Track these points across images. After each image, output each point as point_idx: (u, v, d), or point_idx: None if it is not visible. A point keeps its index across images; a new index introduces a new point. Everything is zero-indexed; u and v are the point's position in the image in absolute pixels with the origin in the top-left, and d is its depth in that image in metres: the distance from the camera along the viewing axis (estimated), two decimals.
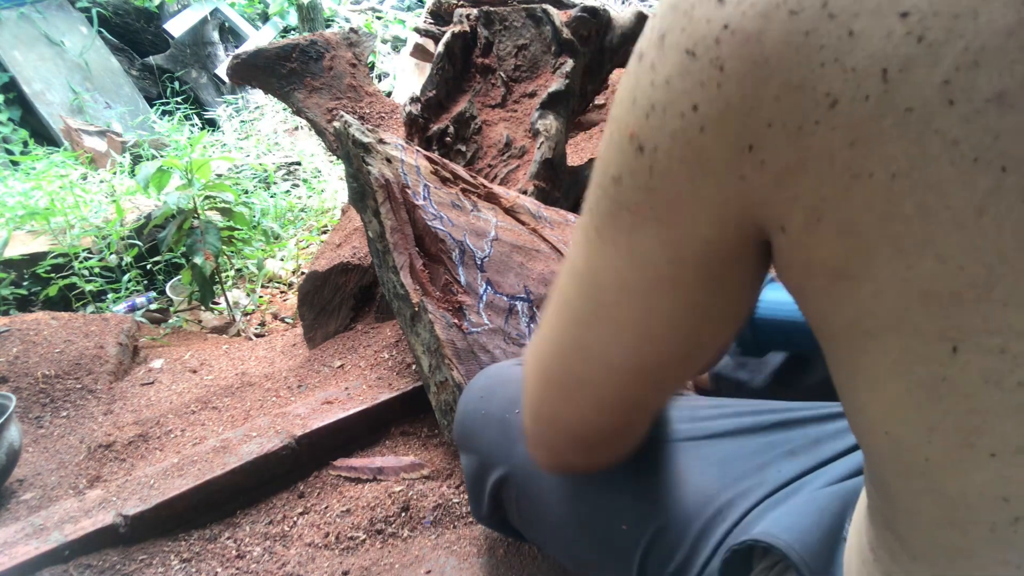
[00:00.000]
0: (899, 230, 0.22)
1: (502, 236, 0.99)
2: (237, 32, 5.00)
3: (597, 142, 2.15)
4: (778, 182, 0.25)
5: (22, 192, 2.47)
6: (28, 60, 4.22)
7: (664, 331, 0.34)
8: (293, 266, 2.35)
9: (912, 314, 0.23)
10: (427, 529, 0.85)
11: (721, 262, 0.30)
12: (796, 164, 0.24)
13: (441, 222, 0.95)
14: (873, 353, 0.26)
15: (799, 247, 0.26)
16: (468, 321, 0.92)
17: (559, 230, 1.03)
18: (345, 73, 1.60)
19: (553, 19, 1.36)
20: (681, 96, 0.26)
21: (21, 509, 1.00)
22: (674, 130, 0.27)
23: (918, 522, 0.29)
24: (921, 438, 0.26)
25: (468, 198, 1.01)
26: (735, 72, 0.24)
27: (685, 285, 0.31)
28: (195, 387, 1.34)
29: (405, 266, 0.92)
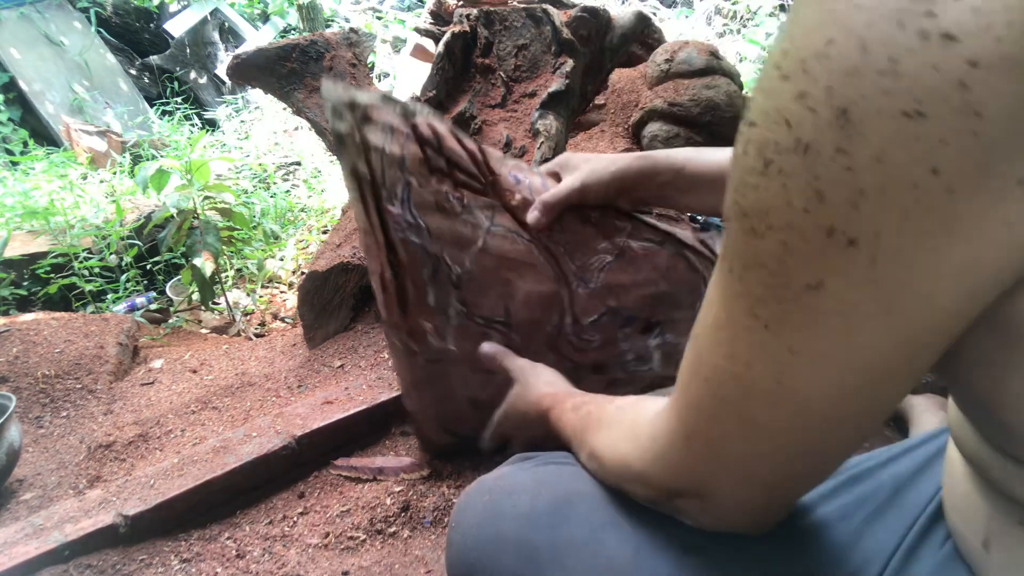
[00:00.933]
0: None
1: (491, 246, 0.84)
2: (237, 32, 5.00)
3: (597, 142, 2.15)
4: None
5: (22, 192, 2.47)
6: (28, 60, 4.23)
7: (861, 419, 0.32)
8: (293, 266, 2.35)
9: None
10: (427, 529, 0.85)
11: (953, 328, 0.27)
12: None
13: (416, 232, 0.81)
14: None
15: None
16: (429, 349, 0.83)
17: (570, 236, 0.88)
18: (345, 73, 1.60)
19: (553, 19, 1.36)
20: (909, 167, 0.23)
21: (21, 509, 1.00)
22: (905, 207, 0.23)
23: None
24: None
25: (460, 195, 0.84)
26: (1002, 111, 0.21)
27: (905, 369, 0.29)
28: (195, 387, 1.34)
29: (376, 274, 0.83)
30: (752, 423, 0.33)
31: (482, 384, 0.85)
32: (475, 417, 0.85)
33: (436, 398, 0.87)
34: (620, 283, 0.87)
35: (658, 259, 0.89)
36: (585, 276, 0.87)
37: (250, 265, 2.31)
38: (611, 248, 0.88)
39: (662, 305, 0.87)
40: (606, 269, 0.87)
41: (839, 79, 0.23)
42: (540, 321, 0.85)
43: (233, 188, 2.70)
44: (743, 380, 0.32)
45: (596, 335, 0.86)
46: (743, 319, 0.30)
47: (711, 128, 1.96)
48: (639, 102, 2.15)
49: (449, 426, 0.89)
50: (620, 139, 2.17)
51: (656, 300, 0.87)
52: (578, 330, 0.86)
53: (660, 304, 0.87)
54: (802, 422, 0.32)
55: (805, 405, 0.31)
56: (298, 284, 1.74)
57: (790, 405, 0.31)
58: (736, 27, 4.68)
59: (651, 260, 0.89)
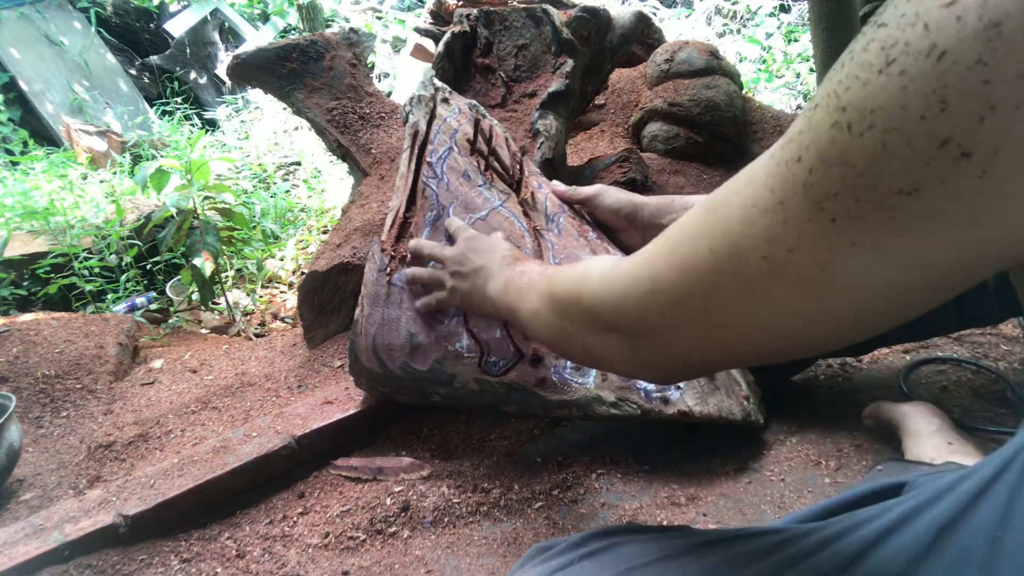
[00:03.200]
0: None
1: (491, 219, 0.98)
2: (237, 32, 5.00)
3: (597, 142, 2.15)
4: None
5: (22, 192, 2.48)
6: (28, 60, 4.23)
7: (884, 318, 0.33)
8: (293, 266, 2.35)
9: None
10: (427, 529, 0.85)
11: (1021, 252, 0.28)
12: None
13: (437, 183, 0.98)
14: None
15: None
16: (399, 275, 0.94)
17: (565, 241, 0.98)
18: (345, 73, 1.60)
19: (553, 19, 1.36)
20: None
21: (21, 509, 1.00)
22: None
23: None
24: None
25: (486, 175, 1.02)
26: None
27: (954, 283, 0.30)
28: (195, 387, 1.34)
29: (393, 210, 0.99)
30: (761, 298, 0.34)
31: (426, 328, 0.92)
32: (407, 355, 0.92)
33: (382, 319, 0.93)
34: None
35: None
36: None
37: (250, 265, 2.31)
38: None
39: None
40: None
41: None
42: None
43: (233, 188, 2.71)
44: (774, 260, 0.33)
45: None
46: (803, 209, 0.31)
47: (711, 128, 1.96)
48: (639, 102, 2.15)
49: (380, 352, 0.93)
50: (620, 139, 2.17)
51: None
52: None
53: None
54: (820, 308, 0.33)
55: (838, 294, 0.32)
56: (298, 284, 1.74)
57: (821, 291, 0.32)
58: (736, 27, 4.68)
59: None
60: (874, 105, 0.26)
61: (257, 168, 3.43)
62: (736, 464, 0.90)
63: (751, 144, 2.07)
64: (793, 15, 4.52)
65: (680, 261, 0.39)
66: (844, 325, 0.34)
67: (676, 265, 0.39)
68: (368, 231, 1.33)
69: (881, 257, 0.29)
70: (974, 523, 0.41)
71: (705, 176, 1.94)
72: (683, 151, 2.00)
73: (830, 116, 0.29)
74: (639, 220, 0.92)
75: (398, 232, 0.98)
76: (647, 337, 0.43)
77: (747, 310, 0.36)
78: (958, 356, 1.06)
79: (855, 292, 0.31)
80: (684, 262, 0.38)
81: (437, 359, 0.91)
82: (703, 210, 0.38)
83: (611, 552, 0.49)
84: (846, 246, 0.30)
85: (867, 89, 0.27)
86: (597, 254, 0.94)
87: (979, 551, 0.39)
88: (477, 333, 0.91)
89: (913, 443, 0.82)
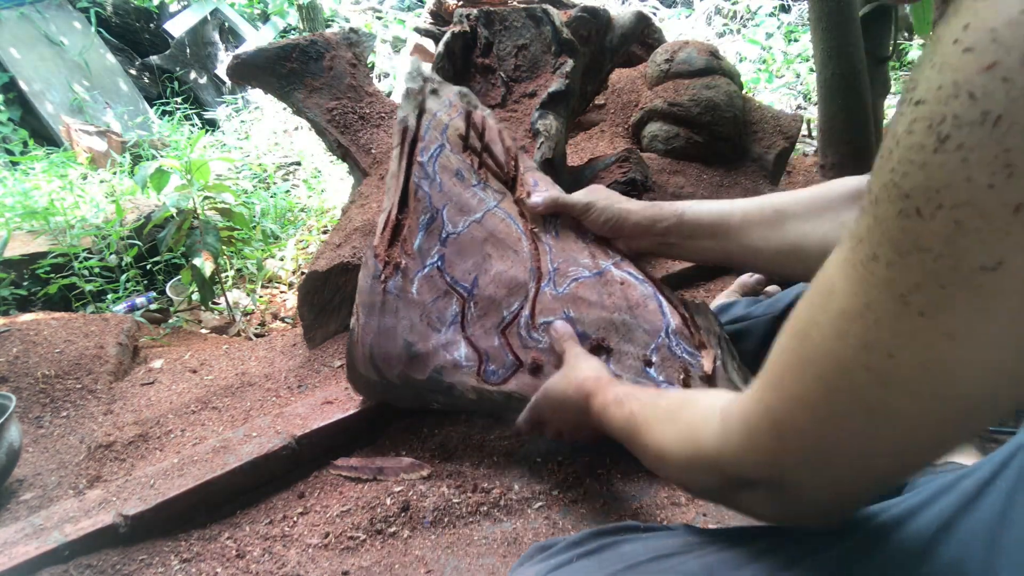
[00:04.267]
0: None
1: (487, 221, 0.95)
2: (237, 32, 5.00)
3: (597, 142, 2.15)
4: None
5: (22, 192, 2.48)
6: (28, 60, 4.23)
7: (1006, 400, 0.31)
8: (293, 266, 2.35)
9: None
10: (427, 529, 0.85)
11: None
12: None
13: (429, 184, 0.95)
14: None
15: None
16: (394, 282, 0.91)
17: (563, 243, 0.94)
18: (345, 73, 1.60)
19: (553, 19, 1.36)
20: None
21: (21, 509, 1.00)
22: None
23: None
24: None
25: (480, 173, 0.98)
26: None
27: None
28: (195, 387, 1.34)
29: (385, 211, 0.95)
30: (880, 413, 0.32)
31: (423, 336, 0.90)
32: (405, 364, 0.90)
33: (379, 327, 0.91)
34: (585, 298, 0.89)
35: (632, 292, 0.90)
36: (557, 280, 0.91)
37: (250, 265, 2.31)
38: (591, 265, 0.92)
39: (616, 334, 0.87)
40: (579, 280, 0.91)
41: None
42: (500, 302, 0.91)
43: (233, 188, 2.71)
44: (879, 370, 0.31)
45: (544, 336, 0.88)
46: (890, 307, 0.29)
47: (711, 128, 1.96)
48: (639, 102, 2.15)
49: (377, 361, 0.91)
50: (620, 139, 2.17)
51: (613, 327, 0.88)
52: (530, 327, 0.89)
53: (615, 332, 0.87)
54: (940, 409, 0.31)
55: (951, 391, 0.30)
56: (298, 284, 1.74)
57: (934, 392, 0.30)
58: (736, 27, 4.68)
59: (625, 290, 0.90)
60: (938, 184, 0.26)
61: (257, 168, 3.43)
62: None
63: (751, 144, 2.07)
64: (793, 15, 4.52)
65: (791, 397, 0.36)
66: (972, 416, 0.32)
67: (790, 403, 0.36)
68: (368, 231, 1.33)
69: (981, 345, 0.28)
70: (974, 521, 0.41)
71: (705, 176, 1.94)
72: (683, 151, 2.00)
73: (895, 206, 0.28)
74: (626, 228, 0.91)
75: (391, 235, 0.95)
76: (788, 488, 0.40)
77: (874, 431, 0.33)
78: None
79: (968, 388, 0.30)
80: (797, 397, 0.36)
81: (435, 368, 0.90)
82: (794, 339, 0.36)
83: (609, 551, 0.50)
84: (943, 340, 0.28)
85: (926, 171, 0.26)
86: (596, 259, 0.93)
87: (979, 549, 0.40)
88: (475, 341, 0.90)
89: None
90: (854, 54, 1.98)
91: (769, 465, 0.39)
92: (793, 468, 0.38)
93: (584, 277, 0.90)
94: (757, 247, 0.82)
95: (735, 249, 0.84)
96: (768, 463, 0.39)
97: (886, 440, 0.34)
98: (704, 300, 1.30)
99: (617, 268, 0.92)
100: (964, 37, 0.25)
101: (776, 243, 0.81)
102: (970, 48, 0.25)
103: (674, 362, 0.88)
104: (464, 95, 1.04)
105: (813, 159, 2.45)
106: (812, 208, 0.78)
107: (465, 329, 0.90)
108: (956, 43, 0.25)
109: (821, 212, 0.78)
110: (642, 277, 0.92)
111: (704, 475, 0.46)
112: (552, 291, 0.90)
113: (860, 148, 2.08)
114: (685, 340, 0.90)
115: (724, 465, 0.43)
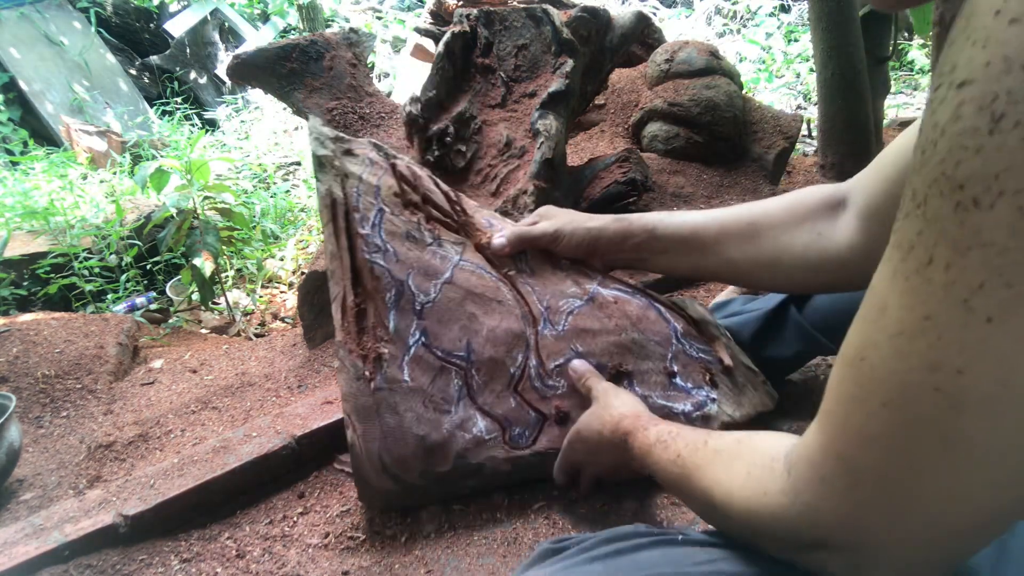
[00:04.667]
0: None
1: (458, 279, 0.85)
2: (237, 32, 5.00)
3: (597, 142, 2.15)
4: None
5: (22, 192, 2.48)
6: (28, 60, 4.23)
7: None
8: (293, 266, 2.35)
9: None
10: (427, 530, 0.85)
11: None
12: None
13: (383, 256, 0.84)
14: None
15: None
16: (382, 375, 0.80)
17: (542, 279, 0.89)
18: (345, 73, 1.60)
19: (553, 19, 1.36)
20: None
21: (21, 509, 1.00)
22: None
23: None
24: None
25: (432, 228, 0.88)
26: None
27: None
28: (195, 387, 1.34)
29: (338, 298, 0.83)
30: (959, 444, 0.28)
31: (435, 423, 0.80)
32: (424, 461, 0.80)
33: (382, 432, 0.79)
34: (587, 328, 0.86)
35: (629, 307, 0.88)
36: (553, 319, 0.86)
37: (250, 265, 2.31)
38: (580, 293, 0.88)
39: (631, 355, 0.85)
40: (574, 313, 0.87)
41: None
42: (503, 360, 0.83)
43: (233, 188, 2.71)
44: (948, 390, 0.27)
45: (561, 380, 0.84)
46: (952, 316, 0.26)
47: (711, 128, 1.96)
48: (639, 102, 2.15)
49: (392, 468, 0.80)
50: (620, 139, 2.17)
51: (625, 349, 0.85)
52: (542, 374, 0.84)
53: (629, 353, 0.85)
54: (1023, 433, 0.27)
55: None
56: (298, 284, 1.74)
57: (1016, 412, 0.26)
58: (736, 27, 4.68)
59: (621, 307, 0.88)
60: (997, 169, 0.24)
61: (257, 168, 3.43)
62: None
63: (751, 144, 2.07)
64: (793, 15, 4.52)
65: (858, 432, 0.32)
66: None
67: (858, 439, 0.32)
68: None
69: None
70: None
71: (705, 176, 1.94)
72: (683, 151, 2.00)
73: (949, 200, 0.25)
74: (598, 248, 0.88)
75: (356, 324, 0.82)
76: (867, 549, 0.34)
77: (953, 466, 0.29)
78: None
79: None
80: (864, 431, 0.32)
81: (458, 453, 0.80)
82: (851, 367, 0.32)
83: (625, 557, 0.48)
84: (1016, 347, 0.25)
85: (982, 155, 0.24)
86: (581, 284, 0.88)
87: (988, 554, 0.39)
88: (490, 409, 0.82)
89: None
90: (854, 54, 1.98)
91: (839, 522, 0.34)
92: (872, 518, 0.33)
93: (578, 307, 0.87)
94: (733, 260, 0.80)
95: (711, 263, 0.82)
96: (836, 519, 0.34)
97: (967, 478, 0.29)
98: (704, 300, 1.30)
99: (604, 288, 0.89)
100: (1007, 7, 0.23)
101: (752, 255, 0.79)
102: (1017, 18, 0.23)
103: (694, 365, 0.87)
104: (378, 147, 0.91)
105: (813, 159, 2.45)
106: (788, 219, 0.77)
107: (475, 400, 0.82)
108: (999, 15, 0.23)
109: (799, 223, 0.76)
110: (631, 290, 0.90)
111: (773, 530, 0.40)
112: (552, 332, 0.85)
113: (860, 148, 2.08)
114: (695, 340, 0.90)
115: (796, 519, 0.37)
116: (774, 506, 0.39)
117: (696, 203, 1.81)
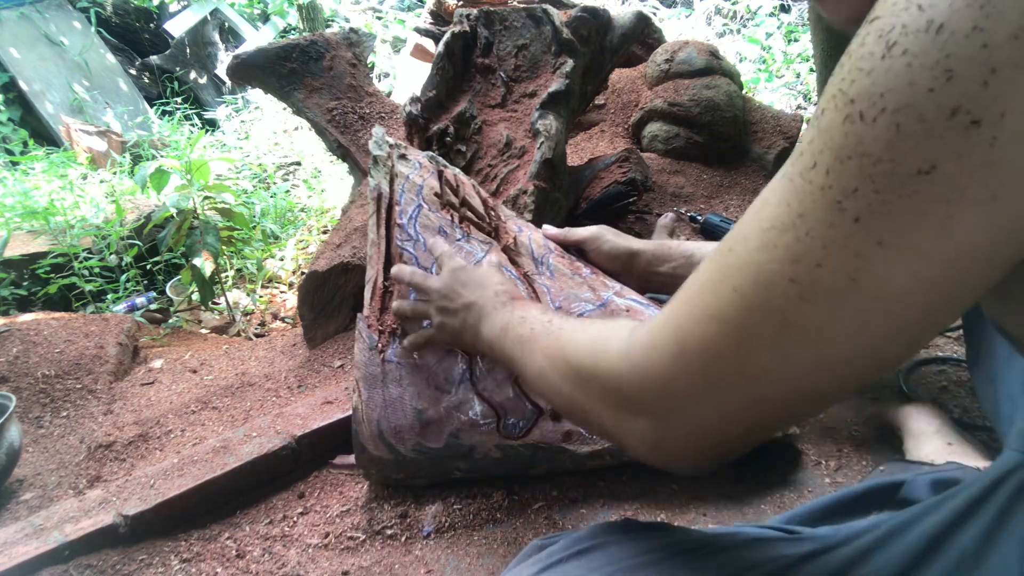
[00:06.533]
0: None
1: None
2: (237, 32, 5.00)
3: (597, 142, 2.15)
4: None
5: (22, 192, 2.48)
6: (28, 60, 4.23)
7: (923, 326, 0.31)
8: (293, 266, 2.35)
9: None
10: (427, 530, 0.85)
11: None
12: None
13: (414, 245, 0.91)
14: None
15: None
16: (393, 349, 0.86)
17: (559, 282, 0.92)
18: (345, 73, 1.60)
19: (553, 19, 1.36)
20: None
21: (21, 509, 1.00)
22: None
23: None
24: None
25: (463, 227, 0.95)
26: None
27: (985, 273, 0.29)
28: (195, 387, 1.34)
29: (371, 280, 0.91)
30: (796, 329, 0.32)
31: (433, 400, 0.84)
32: (417, 433, 0.84)
33: (384, 400, 0.85)
34: None
35: (641, 317, 0.89)
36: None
37: (250, 265, 2.31)
38: (593, 299, 0.90)
39: None
40: (583, 316, 0.88)
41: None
42: None
43: (233, 188, 2.71)
44: (803, 280, 0.31)
45: None
46: (824, 215, 0.30)
47: (711, 128, 1.96)
48: (639, 102, 2.15)
49: (388, 437, 0.84)
50: (620, 139, 2.17)
51: None
52: None
53: None
54: (858, 326, 0.31)
55: (874, 305, 0.30)
56: (298, 284, 1.74)
57: (856, 306, 0.30)
58: (736, 27, 4.68)
59: (634, 317, 0.88)
60: (883, 89, 0.27)
61: (257, 168, 3.43)
62: (737, 464, 0.90)
63: (751, 144, 2.07)
64: (793, 15, 4.52)
65: (704, 310, 0.35)
66: (886, 343, 0.32)
67: (700, 316, 0.35)
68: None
69: (910, 254, 0.28)
70: (962, 539, 0.41)
71: (705, 176, 1.94)
72: (683, 151, 2.00)
73: (840, 113, 0.29)
74: (635, 267, 0.90)
75: (380, 303, 0.90)
76: (676, 415, 0.38)
77: (783, 348, 0.33)
78: (958, 356, 1.06)
79: (891, 300, 0.30)
80: (709, 310, 0.35)
81: (452, 432, 0.84)
82: (719, 252, 0.36)
83: (599, 551, 0.49)
84: (873, 247, 0.29)
85: (873, 76, 0.27)
86: (597, 291, 0.90)
87: (966, 568, 0.40)
88: (489, 396, 0.85)
89: (914, 444, 0.82)
90: None
91: (663, 387, 0.38)
92: (685, 393, 0.37)
93: (588, 311, 0.88)
94: None
95: None
96: (662, 384, 0.38)
97: (792, 359, 0.33)
98: None
99: (619, 297, 0.91)
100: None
101: None
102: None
103: None
104: (432, 157, 1.02)
105: None
106: None
107: (476, 385, 0.85)
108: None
109: None
110: (647, 302, 0.91)
111: (593, 387, 0.44)
112: None
113: None
114: None
115: (617, 383, 0.41)
116: (608, 363, 0.42)
117: (696, 203, 1.81)
